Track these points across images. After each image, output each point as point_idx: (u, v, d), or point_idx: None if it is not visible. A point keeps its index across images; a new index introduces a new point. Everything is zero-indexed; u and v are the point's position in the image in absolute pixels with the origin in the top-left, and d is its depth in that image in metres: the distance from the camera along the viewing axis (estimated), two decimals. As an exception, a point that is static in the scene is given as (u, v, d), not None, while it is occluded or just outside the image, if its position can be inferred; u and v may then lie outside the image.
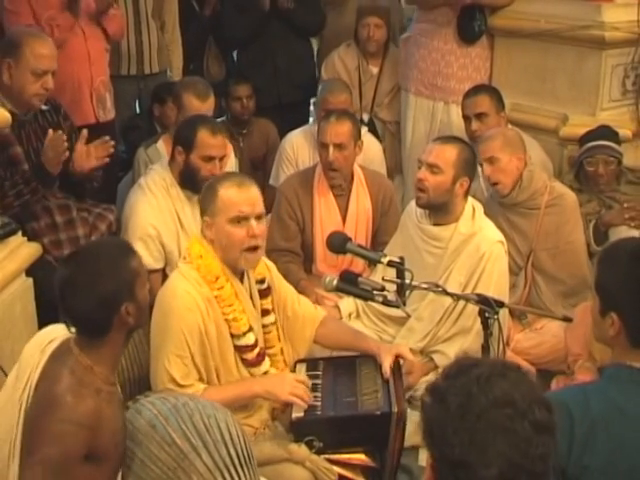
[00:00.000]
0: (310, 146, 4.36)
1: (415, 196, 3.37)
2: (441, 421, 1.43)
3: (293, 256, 3.86)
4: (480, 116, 4.08)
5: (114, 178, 4.48)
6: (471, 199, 3.38)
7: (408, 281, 2.69)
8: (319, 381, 2.82)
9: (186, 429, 2.11)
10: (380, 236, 3.86)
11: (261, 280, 2.88)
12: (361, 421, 2.67)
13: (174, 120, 4.10)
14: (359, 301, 3.47)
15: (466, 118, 4.15)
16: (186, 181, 3.51)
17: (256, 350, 2.76)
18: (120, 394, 2.22)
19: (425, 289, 2.79)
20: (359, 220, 3.86)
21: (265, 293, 2.89)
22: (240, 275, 2.78)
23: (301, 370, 2.91)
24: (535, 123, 4.45)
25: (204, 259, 2.70)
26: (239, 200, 2.68)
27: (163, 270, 3.52)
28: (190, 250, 2.75)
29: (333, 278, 2.78)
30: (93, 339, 2.11)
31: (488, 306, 2.67)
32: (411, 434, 2.70)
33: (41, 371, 2.14)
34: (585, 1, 4.24)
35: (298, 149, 4.41)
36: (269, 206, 3.78)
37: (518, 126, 4.26)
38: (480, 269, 3.24)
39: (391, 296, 2.72)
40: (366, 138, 4.14)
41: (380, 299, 2.72)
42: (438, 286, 2.81)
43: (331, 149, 3.70)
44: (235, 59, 5.56)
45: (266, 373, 2.80)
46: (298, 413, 2.66)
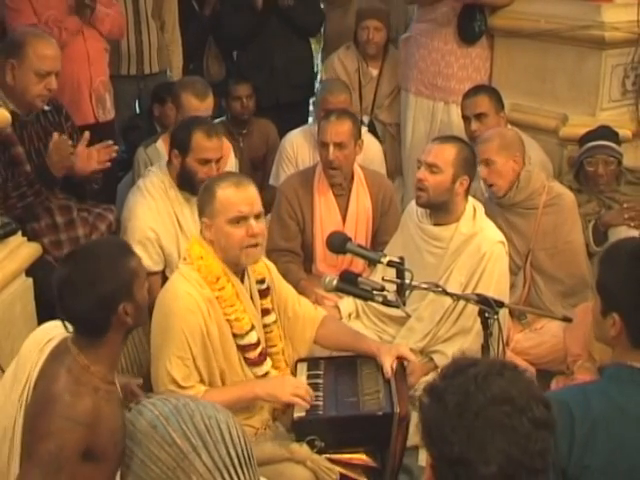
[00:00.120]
0: (310, 146, 4.36)
1: (415, 196, 3.37)
2: (439, 420, 1.43)
3: (293, 256, 3.86)
4: (480, 116, 4.08)
5: (114, 178, 4.47)
6: (472, 199, 3.39)
7: (408, 281, 2.69)
8: (320, 381, 2.83)
9: (186, 429, 2.11)
10: (380, 236, 3.86)
11: (261, 280, 2.88)
12: (363, 421, 2.67)
13: (174, 120, 4.10)
14: (359, 301, 3.47)
15: (465, 118, 4.16)
16: (184, 183, 3.50)
17: (258, 349, 2.76)
18: (120, 393, 2.21)
19: (425, 289, 2.79)
20: (359, 220, 3.86)
21: (265, 293, 2.89)
22: (241, 275, 2.78)
23: (302, 370, 2.91)
24: (535, 123, 4.46)
25: (205, 260, 2.70)
26: (237, 200, 2.68)
27: (163, 272, 3.52)
28: (190, 251, 2.75)
29: (333, 278, 2.78)
30: (91, 339, 2.11)
31: (488, 306, 2.67)
32: (411, 434, 2.71)
33: (40, 370, 2.14)
34: (585, 1, 4.24)
35: (298, 149, 4.41)
36: (269, 206, 3.79)
37: (518, 126, 4.27)
38: (481, 269, 3.23)
39: (391, 296, 2.72)
40: (366, 138, 4.14)
41: (380, 299, 2.72)
42: (438, 286, 2.81)
43: (331, 148, 3.70)
44: (235, 59, 5.57)
45: (267, 373, 2.80)
46: (300, 413, 2.66)
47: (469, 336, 3.24)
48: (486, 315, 2.66)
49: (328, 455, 2.63)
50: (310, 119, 5.32)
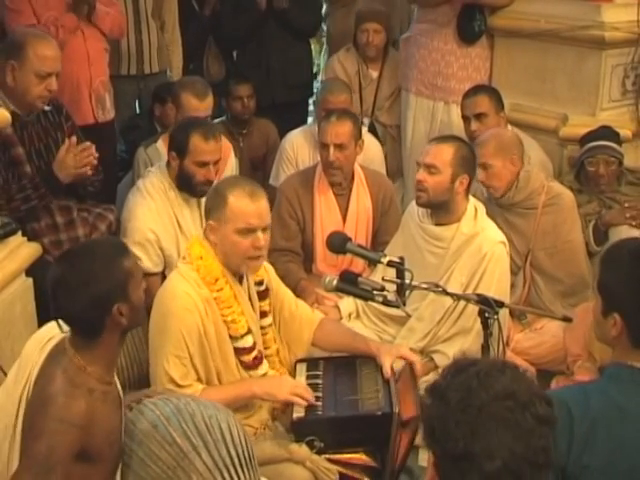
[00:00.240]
0: (310, 146, 4.36)
1: (415, 196, 3.37)
2: (442, 416, 1.43)
3: (293, 256, 3.86)
4: (479, 116, 4.08)
5: (114, 178, 4.47)
6: (473, 199, 3.39)
7: (408, 281, 2.69)
8: (319, 381, 2.82)
9: (187, 428, 2.11)
10: (380, 236, 3.86)
11: (259, 282, 2.88)
12: (362, 421, 2.67)
13: (174, 120, 4.10)
14: (359, 301, 3.47)
15: (465, 118, 4.15)
16: (182, 185, 3.49)
17: (253, 353, 2.76)
18: (119, 392, 2.21)
19: (425, 289, 2.79)
20: (359, 220, 3.86)
21: (263, 295, 2.89)
22: (239, 277, 2.77)
23: (301, 370, 2.91)
24: (535, 123, 4.45)
25: (204, 260, 2.69)
26: (249, 212, 2.66)
27: (162, 273, 3.52)
28: (190, 251, 2.74)
29: (333, 278, 2.78)
30: (86, 339, 2.10)
31: (488, 306, 2.67)
32: (411, 434, 2.71)
33: (39, 369, 2.14)
34: (585, 1, 4.24)
35: (298, 149, 4.41)
36: (269, 206, 3.78)
37: (518, 126, 4.27)
38: (482, 269, 3.23)
39: (391, 296, 2.72)
40: (366, 138, 4.13)
41: (380, 299, 2.72)
42: (438, 286, 2.81)
43: (332, 149, 3.70)
44: (235, 59, 5.57)
45: (265, 374, 2.80)
46: (299, 413, 2.66)
47: (469, 336, 3.24)
48: (486, 315, 2.66)
49: (327, 455, 2.63)
50: (310, 119, 5.32)
